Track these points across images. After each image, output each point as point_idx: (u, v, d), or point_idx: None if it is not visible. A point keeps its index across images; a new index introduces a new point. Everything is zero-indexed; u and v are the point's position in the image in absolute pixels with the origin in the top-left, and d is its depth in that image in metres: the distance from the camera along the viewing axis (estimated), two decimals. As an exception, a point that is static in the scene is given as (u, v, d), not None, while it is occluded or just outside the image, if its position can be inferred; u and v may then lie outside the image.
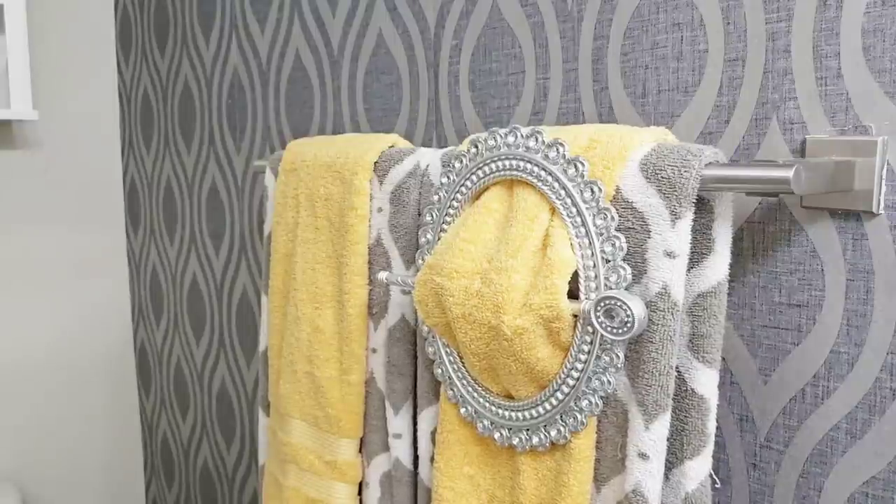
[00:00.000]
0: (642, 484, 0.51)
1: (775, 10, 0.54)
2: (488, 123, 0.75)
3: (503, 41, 0.73)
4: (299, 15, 0.97)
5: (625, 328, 0.50)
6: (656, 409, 0.51)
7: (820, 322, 0.54)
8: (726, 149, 0.57)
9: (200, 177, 1.23)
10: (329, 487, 0.77)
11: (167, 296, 1.37)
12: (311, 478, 0.79)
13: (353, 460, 0.76)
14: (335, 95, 0.93)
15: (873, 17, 0.50)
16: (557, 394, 0.55)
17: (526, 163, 0.56)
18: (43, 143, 1.35)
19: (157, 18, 1.29)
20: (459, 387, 0.62)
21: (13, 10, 1.22)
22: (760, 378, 0.57)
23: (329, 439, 0.77)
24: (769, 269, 0.56)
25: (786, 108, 0.54)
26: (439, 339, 0.63)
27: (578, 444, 0.55)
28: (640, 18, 0.62)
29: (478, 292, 0.56)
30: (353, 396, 0.75)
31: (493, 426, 0.60)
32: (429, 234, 0.64)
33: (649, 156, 0.51)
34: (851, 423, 0.53)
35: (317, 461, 0.78)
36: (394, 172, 0.70)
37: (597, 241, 0.53)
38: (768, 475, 0.57)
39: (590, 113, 0.66)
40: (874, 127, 0.50)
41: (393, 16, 0.84)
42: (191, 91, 1.22)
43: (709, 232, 0.51)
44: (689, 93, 0.59)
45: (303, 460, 0.79)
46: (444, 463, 0.63)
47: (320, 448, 0.77)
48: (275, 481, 0.84)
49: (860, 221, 0.51)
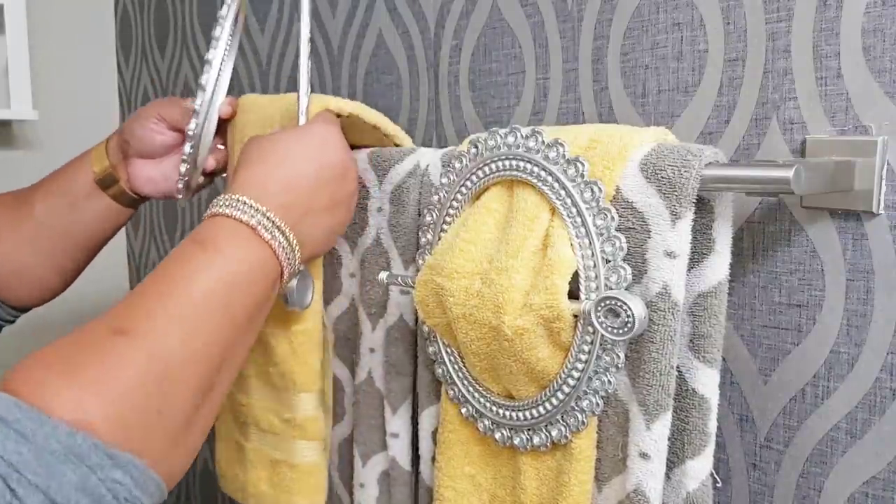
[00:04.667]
0: (643, 483, 0.51)
1: (775, 10, 0.54)
2: (488, 123, 0.75)
3: (503, 41, 0.73)
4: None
5: (625, 328, 0.50)
6: (657, 408, 0.51)
7: (820, 322, 0.54)
8: (726, 149, 0.57)
9: (200, 177, 1.23)
10: (291, 447, 0.74)
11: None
12: (271, 438, 0.76)
13: (314, 414, 0.73)
14: (335, 95, 0.93)
15: (873, 17, 0.50)
16: (558, 394, 0.55)
17: (526, 163, 0.56)
18: (43, 143, 1.35)
19: (157, 18, 1.29)
20: (460, 387, 0.62)
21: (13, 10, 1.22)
22: (760, 378, 0.57)
23: (284, 396, 0.74)
24: (769, 269, 0.56)
25: (786, 108, 0.54)
26: (440, 339, 0.63)
27: (579, 444, 0.55)
28: (640, 18, 0.62)
29: (478, 293, 0.56)
30: (304, 348, 0.72)
31: (494, 426, 0.60)
32: (429, 235, 0.64)
33: (649, 156, 0.51)
34: (851, 423, 0.53)
35: (276, 420, 0.75)
36: (393, 172, 0.70)
37: (597, 241, 0.53)
38: (768, 475, 0.57)
39: (590, 113, 0.66)
40: (874, 127, 0.50)
41: (393, 16, 0.84)
42: (191, 91, 1.22)
43: (709, 232, 0.51)
44: (689, 93, 0.59)
45: (262, 420, 0.76)
46: (445, 462, 0.64)
47: (279, 406, 0.75)
48: (235, 444, 0.81)
49: (860, 221, 0.51)
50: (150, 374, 0.45)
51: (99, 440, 0.41)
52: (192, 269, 0.51)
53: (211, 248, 0.53)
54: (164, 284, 0.51)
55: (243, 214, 0.55)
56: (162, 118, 0.76)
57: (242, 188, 0.57)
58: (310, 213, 0.59)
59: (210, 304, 0.50)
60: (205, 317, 0.50)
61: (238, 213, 0.55)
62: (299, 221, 0.58)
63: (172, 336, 0.48)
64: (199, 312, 0.50)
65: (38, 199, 0.78)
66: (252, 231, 0.55)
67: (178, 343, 0.48)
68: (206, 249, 0.53)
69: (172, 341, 0.48)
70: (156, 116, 0.76)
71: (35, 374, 0.43)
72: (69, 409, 0.41)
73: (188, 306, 0.49)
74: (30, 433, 0.39)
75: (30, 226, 0.78)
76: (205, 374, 0.49)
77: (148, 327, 0.47)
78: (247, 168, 0.59)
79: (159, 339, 0.47)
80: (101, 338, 0.46)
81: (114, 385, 0.44)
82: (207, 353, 0.49)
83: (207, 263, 0.52)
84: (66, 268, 0.81)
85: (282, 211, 0.57)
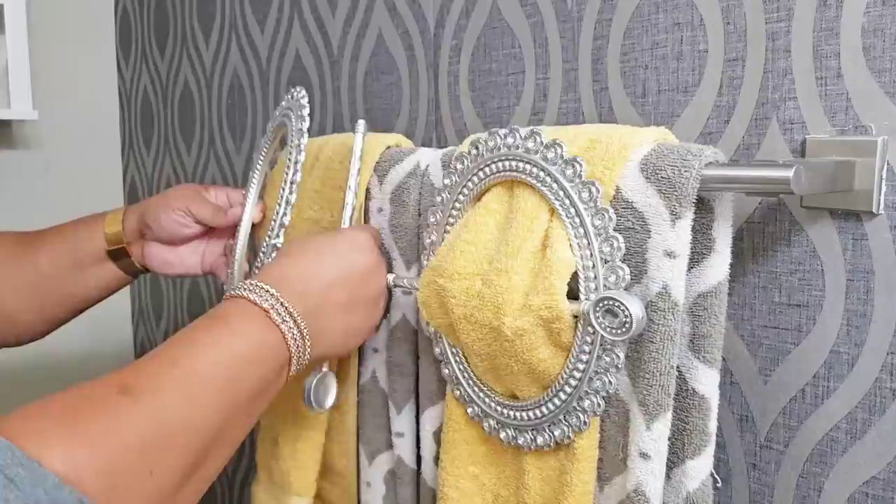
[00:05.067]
0: (644, 483, 0.51)
1: (775, 10, 0.54)
2: (488, 123, 0.75)
3: (503, 41, 0.73)
4: (299, 15, 0.97)
5: (623, 328, 0.50)
6: (657, 408, 0.51)
7: (820, 322, 0.54)
8: (726, 149, 0.57)
9: (200, 177, 1.23)
10: None
11: (167, 296, 1.37)
12: None
13: None
14: (335, 95, 0.93)
15: (873, 17, 0.50)
16: (560, 394, 0.55)
17: (525, 163, 0.56)
18: (43, 143, 1.35)
19: (157, 18, 1.29)
20: (466, 387, 0.62)
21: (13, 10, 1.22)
22: (760, 378, 0.57)
23: (280, 494, 0.75)
24: (769, 269, 0.56)
25: (786, 108, 0.54)
26: (445, 340, 0.63)
27: (582, 444, 0.55)
28: (640, 18, 0.62)
29: (479, 293, 0.56)
30: (304, 453, 0.73)
31: (498, 426, 0.60)
32: (433, 236, 0.64)
33: (649, 156, 0.51)
34: (851, 423, 0.53)
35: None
36: (393, 173, 0.70)
37: (595, 241, 0.53)
38: (768, 475, 0.57)
39: (590, 113, 0.66)
40: (874, 127, 0.50)
41: (393, 16, 0.84)
42: (191, 91, 1.22)
43: (709, 232, 0.51)
44: (689, 93, 0.59)
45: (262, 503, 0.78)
46: (449, 462, 0.64)
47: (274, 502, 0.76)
48: None
49: (860, 221, 0.51)
50: (148, 436, 0.46)
51: (86, 495, 0.41)
52: (203, 342, 0.53)
53: (223, 324, 0.55)
54: (175, 351, 0.52)
55: (258, 297, 0.57)
56: (190, 213, 0.78)
57: (266, 277, 0.60)
58: (326, 308, 0.61)
59: (215, 376, 0.52)
60: (208, 388, 0.51)
61: (254, 297, 0.57)
62: (314, 313, 0.60)
63: (174, 402, 0.49)
64: (203, 383, 0.51)
65: (43, 250, 0.79)
66: (265, 314, 0.57)
67: (179, 409, 0.49)
68: (219, 325, 0.55)
69: (174, 407, 0.49)
70: (184, 210, 0.78)
71: (36, 423, 0.44)
72: (62, 461, 0.42)
73: (193, 375, 0.51)
74: (19, 480, 0.39)
75: (29, 272, 0.79)
76: (201, 443, 0.50)
77: (152, 390, 0.48)
78: (277, 261, 0.63)
79: (161, 403, 0.48)
80: (106, 394, 0.47)
81: (110, 443, 0.44)
82: (206, 424, 0.50)
83: (218, 338, 0.54)
84: (57, 319, 0.82)
85: (297, 300, 0.59)
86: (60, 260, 0.79)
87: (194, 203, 0.78)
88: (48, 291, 0.79)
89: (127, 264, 0.81)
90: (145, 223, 0.79)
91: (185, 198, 0.78)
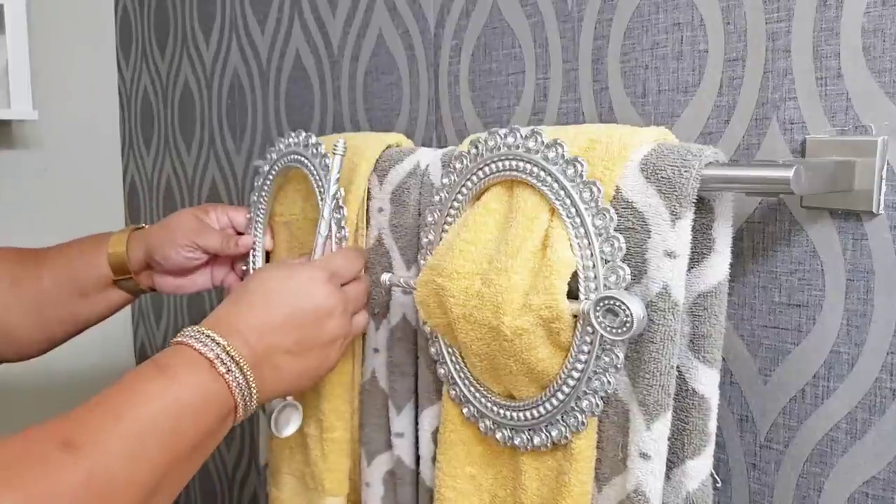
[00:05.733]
0: (644, 483, 0.51)
1: (775, 10, 0.54)
2: (488, 123, 0.75)
3: (503, 41, 0.73)
4: (299, 15, 0.97)
5: (624, 328, 0.50)
6: (657, 408, 0.51)
7: (820, 322, 0.54)
8: (726, 149, 0.57)
9: (200, 177, 1.23)
10: None
11: (167, 296, 1.37)
12: None
13: None
14: (335, 95, 0.93)
15: (873, 17, 0.50)
16: (558, 394, 0.55)
17: (525, 163, 0.56)
18: (43, 143, 1.35)
19: (157, 18, 1.29)
20: (462, 387, 0.62)
21: (13, 10, 1.22)
22: (760, 378, 0.57)
23: (313, 496, 0.77)
24: (769, 269, 0.56)
25: (786, 108, 0.54)
26: (442, 340, 0.63)
27: (579, 445, 0.55)
28: (640, 18, 0.62)
29: (478, 293, 0.56)
30: (334, 454, 0.74)
31: (495, 426, 0.60)
32: (431, 235, 0.64)
33: (649, 156, 0.51)
34: (851, 423, 0.53)
35: None
36: (393, 173, 0.70)
37: (596, 241, 0.53)
38: (768, 475, 0.57)
39: (590, 113, 0.66)
40: (874, 127, 0.50)
41: (393, 16, 0.84)
42: (191, 91, 1.22)
43: (709, 232, 0.51)
44: (689, 93, 0.59)
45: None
46: (446, 463, 0.64)
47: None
48: None
49: (860, 221, 0.51)
50: (91, 492, 0.47)
51: None
52: (147, 393, 0.53)
53: (168, 374, 0.54)
54: (118, 401, 0.52)
55: (203, 346, 0.56)
56: (198, 246, 0.78)
57: (213, 322, 0.59)
58: (274, 353, 0.60)
59: (158, 428, 0.52)
60: (151, 441, 0.51)
61: (199, 345, 0.56)
62: (262, 360, 0.59)
63: (117, 459, 0.49)
64: (145, 435, 0.51)
65: (46, 269, 0.79)
66: (209, 364, 0.56)
67: (121, 464, 0.49)
68: (163, 375, 0.54)
69: (116, 464, 0.49)
70: (191, 245, 0.78)
71: None
72: None
73: (136, 429, 0.51)
74: None
75: (31, 290, 0.79)
76: (142, 495, 0.50)
77: (94, 446, 0.48)
78: (226, 305, 0.62)
79: (104, 461, 0.48)
80: (48, 449, 0.47)
81: (51, 501, 0.45)
82: (149, 476, 0.50)
83: (161, 389, 0.53)
84: (57, 337, 0.83)
85: (243, 347, 0.58)
86: (64, 283, 0.79)
87: (200, 236, 0.78)
88: (51, 310, 0.79)
89: (132, 286, 0.81)
90: (153, 259, 0.79)
91: (189, 231, 0.78)
